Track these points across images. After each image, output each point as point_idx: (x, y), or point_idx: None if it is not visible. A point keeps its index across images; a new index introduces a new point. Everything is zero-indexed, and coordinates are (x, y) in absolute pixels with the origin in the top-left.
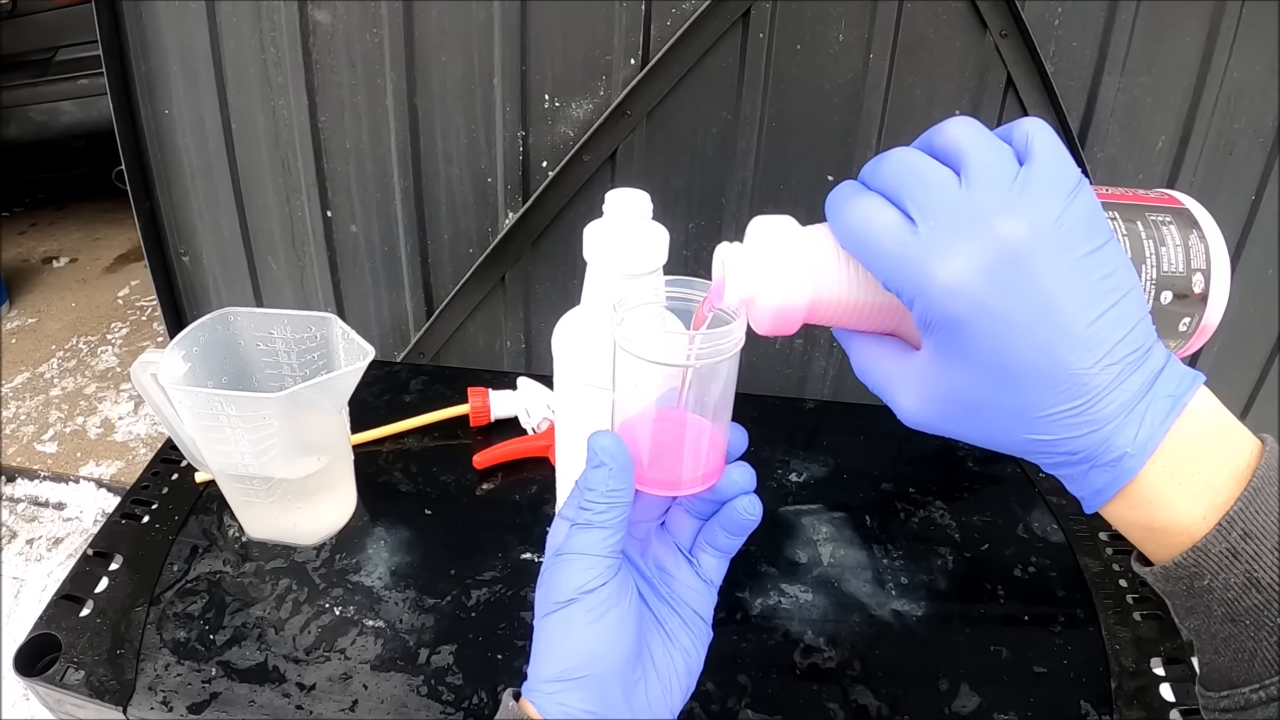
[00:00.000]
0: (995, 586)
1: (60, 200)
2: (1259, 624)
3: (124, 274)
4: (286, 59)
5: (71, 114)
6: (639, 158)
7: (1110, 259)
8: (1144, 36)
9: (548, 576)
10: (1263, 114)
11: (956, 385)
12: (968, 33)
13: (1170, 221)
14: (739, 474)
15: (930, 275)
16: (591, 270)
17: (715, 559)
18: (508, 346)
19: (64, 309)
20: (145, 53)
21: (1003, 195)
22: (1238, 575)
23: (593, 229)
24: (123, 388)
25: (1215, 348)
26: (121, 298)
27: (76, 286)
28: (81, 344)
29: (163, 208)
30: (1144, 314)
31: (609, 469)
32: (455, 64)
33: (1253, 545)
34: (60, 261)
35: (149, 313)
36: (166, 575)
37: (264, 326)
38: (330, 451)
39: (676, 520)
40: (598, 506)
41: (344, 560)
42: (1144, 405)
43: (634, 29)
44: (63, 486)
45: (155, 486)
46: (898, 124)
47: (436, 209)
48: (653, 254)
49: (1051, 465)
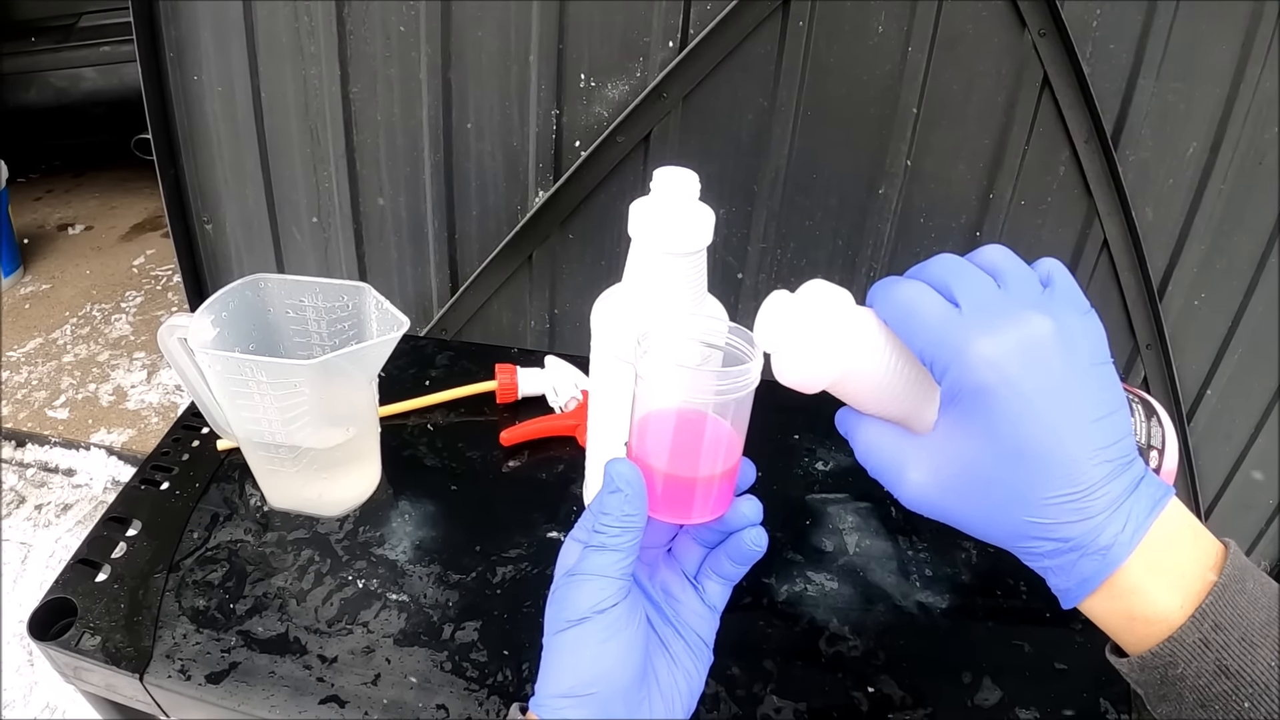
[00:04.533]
0: (1018, 582)
1: (78, 167)
2: (1228, 709)
3: (139, 243)
4: (320, 28)
5: (93, 80)
6: (673, 141)
7: (1110, 377)
8: (1180, 42)
9: (560, 595)
10: None
11: (969, 460)
12: (1006, 30)
13: (1139, 403)
14: (747, 507)
15: (969, 346)
16: (636, 247)
17: (720, 586)
18: (532, 326)
19: (78, 276)
20: (176, 18)
21: (1034, 299)
22: (1209, 664)
23: (639, 206)
24: (135, 356)
25: (1237, 355)
26: (136, 266)
27: (91, 254)
28: (95, 311)
29: (187, 175)
30: (1129, 430)
31: (625, 495)
32: (491, 39)
33: (1222, 636)
34: (76, 228)
35: (164, 282)
36: (186, 543)
37: (295, 294)
38: (359, 422)
39: (683, 547)
40: (612, 530)
41: (367, 533)
42: (1129, 503)
43: (673, 12)
44: (73, 453)
45: (175, 453)
46: (933, 118)
47: (466, 185)
48: (698, 234)
49: (1042, 554)
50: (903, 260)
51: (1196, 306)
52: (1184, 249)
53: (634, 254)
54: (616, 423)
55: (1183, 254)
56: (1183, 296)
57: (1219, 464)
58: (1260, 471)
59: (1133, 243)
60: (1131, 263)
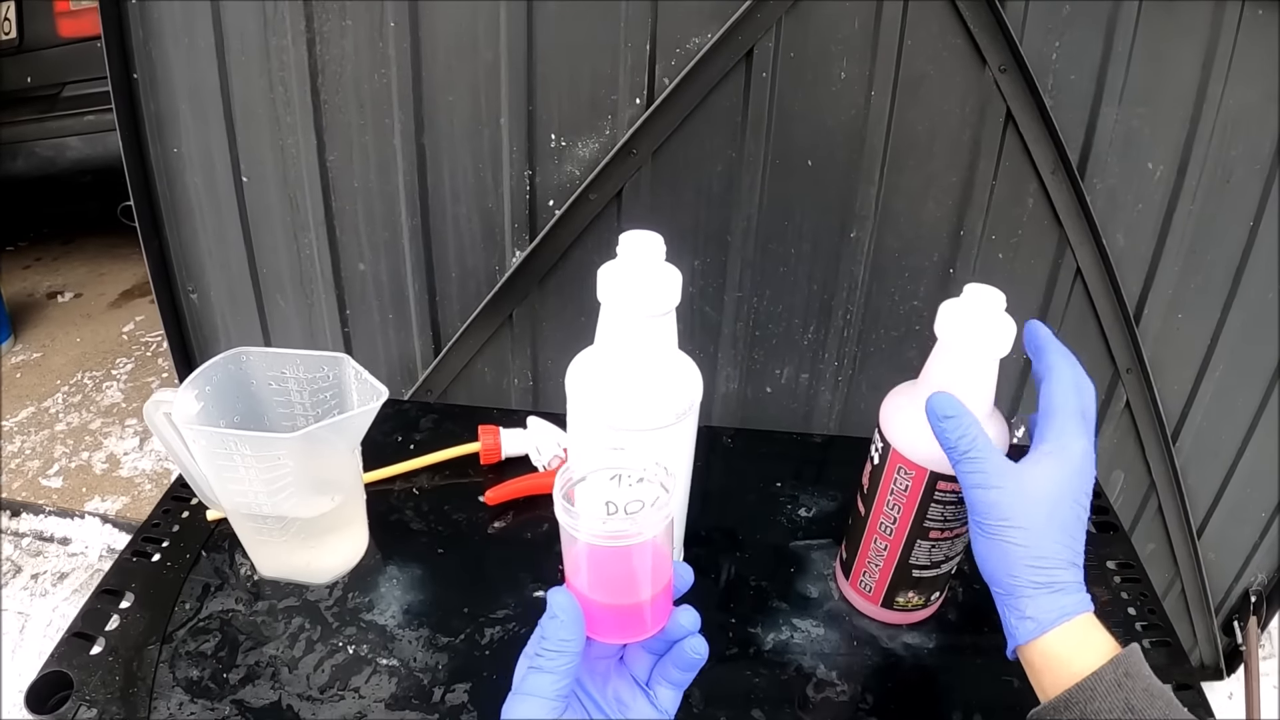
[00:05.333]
0: None
1: (66, 235)
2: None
3: (129, 309)
4: (295, 98)
5: (78, 149)
6: (645, 196)
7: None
8: (1140, 68)
9: (507, 711)
10: (1259, 142)
11: (1049, 488)
12: (967, 68)
13: None
14: (685, 618)
15: (1086, 436)
16: (605, 311)
17: (670, 691)
18: (515, 384)
19: (69, 344)
20: (154, 91)
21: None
22: (1119, 701)
23: (606, 270)
24: (128, 423)
25: (1218, 373)
26: (126, 333)
27: (81, 321)
28: (86, 379)
29: (171, 245)
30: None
31: (560, 620)
32: (462, 104)
33: (1130, 682)
34: (65, 296)
35: (154, 348)
36: (179, 613)
37: (276, 366)
38: (344, 490)
39: (634, 655)
40: (550, 654)
41: (357, 599)
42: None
43: (639, 69)
44: (68, 521)
45: (166, 524)
46: (900, 159)
47: (444, 247)
48: (666, 295)
49: (1037, 584)
50: (878, 301)
51: (1174, 327)
52: (1158, 271)
53: (604, 317)
54: (594, 482)
55: (1156, 276)
56: (1160, 319)
57: (1208, 483)
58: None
59: (1105, 269)
60: (1106, 289)
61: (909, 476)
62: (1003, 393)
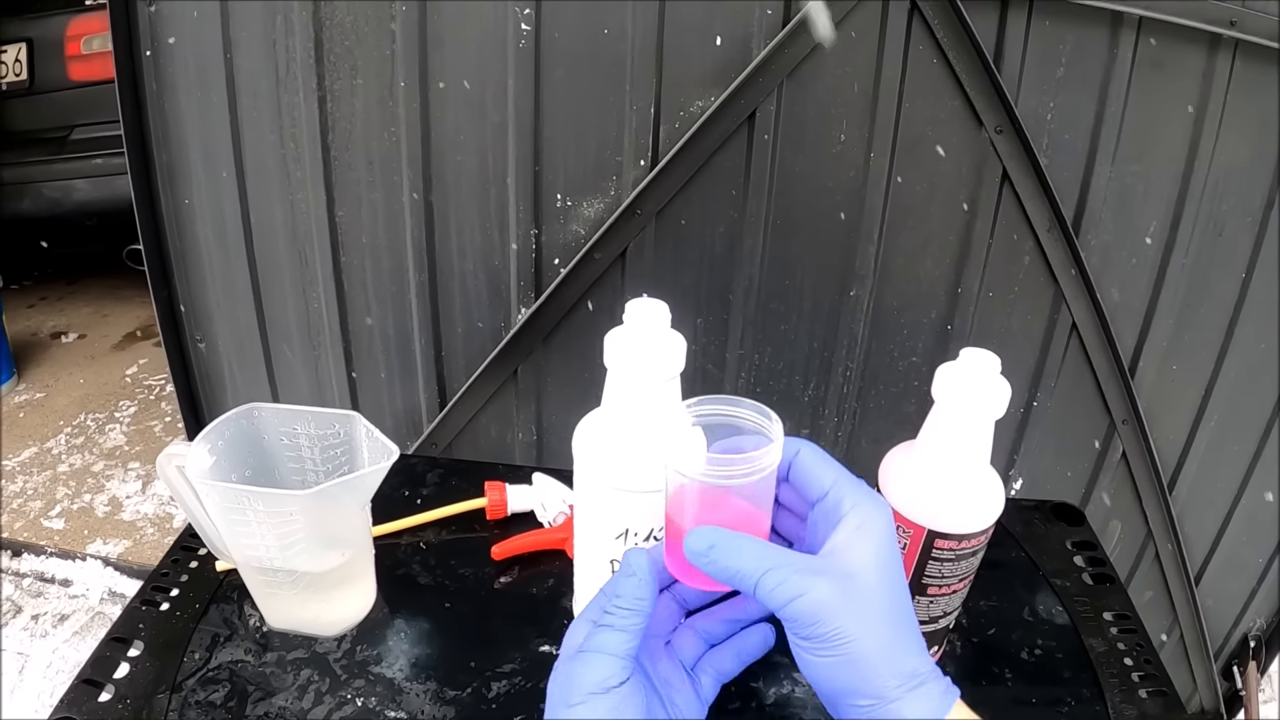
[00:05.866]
0: (1003, 670)
1: (70, 275)
2: None
3: (132, 352)
4: (306, 154)
5: (85, 192)
6: (649, 255)
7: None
8: (1133, 126)
9: (567, 672)
10: (1250, 195)
11: (870, 579)
12: (964, 129)
13: None
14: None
15: (878, 498)
16: (611, 377)
17: (713, 680)
18: (520, 439)
19: (72, 384)
20: (167, 142)
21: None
22: None
23: (613, 337)
24: (130, 466)
25: (1213, 422)
26: (130, 376)
27: (85, 363)
28: (89, 421)
29: (180, 294)
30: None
31: (637, 580)
32: (470, 163)
33: None
34: (69, 337)
35: (157, 392)
36: (188, 663)
37: (288, 422)
38: (353, 545)
39: (683, 640)
40: (622, 612)
41: (365, 651)
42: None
43: (644, 131)
44: (69, 563)
45: (174, 573)
46: (899, 218)
47: (451, 303)
48: (671, 362)
49: (899, 685)
50: (877, 358)
51: (1169, 379)
52: (1152, 324)
53: (610, 382)
54: (601, 541)
55: (1151, 330)
56: (1154, 370)
57: (1204, 530)
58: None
59: (1101, 323)
60: (1101, 342)
61: (907, 535)
62: (999, 448)
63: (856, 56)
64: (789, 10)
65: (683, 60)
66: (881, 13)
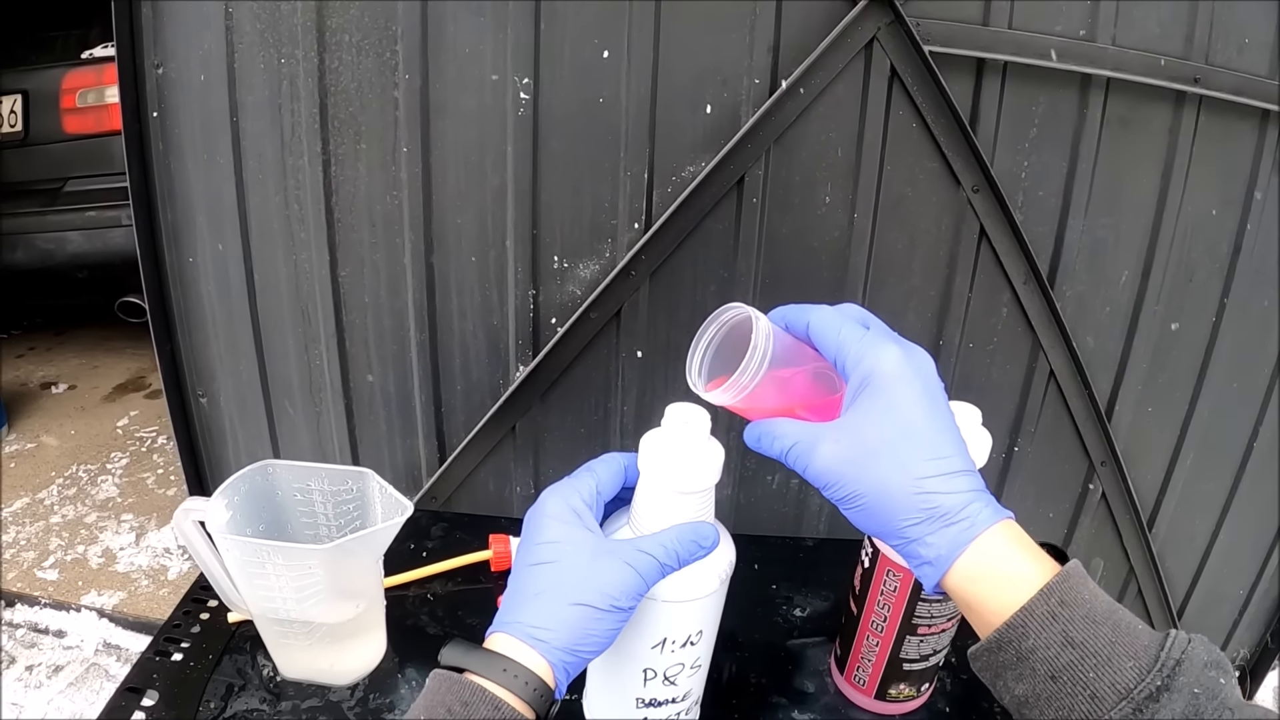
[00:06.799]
0: (992, 705)
1: (58, 325)
2: (1075, 679)
3: (123, 404)
4: (310, 216)
5: (77, 244)
6: (643, 315)
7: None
8: (1104, 181)
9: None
10: (1217, 241)
11: (869, 435)
12: (943, 190)
13: None
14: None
15: (882, 351)
16: (644, 482)
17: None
18: (518, 492)
19: (63, 435)
20: (173, 201)
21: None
22: (1056, 635)
23: (650, 441)
24: (123, 518)
25: (1189, 461)
26: (121, 427)
27: (76, 414)
28: (81, 472)
29: (183, 350)
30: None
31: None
32: (470, 226)
33: (1067, 611)
34: (59, 388)
35: (149, 444)
36: (204, 712)
37: (302, 479)
38: (367, 597)
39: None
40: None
41: (378, 699)
42: (987, 495)
43: (637, 196)
44: (63, 614)
45: (186, 624)
46: (881, 277)
47: (450, 361)
48: (708, 473)
49: (919, 523)
50: None
51: (1145, 421)
52: (1127, 369)
53: (642, 488)
54: (636, 651)
55: (1126, 374)
56: (1130, 413)
57: (1185, 566)
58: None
59: (1077, 370)
60: (1078, 388)
61: (897, 579)
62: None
63: (839, 122)
64: (775, 80)
65: (675, 128)
66: (863, 80)
